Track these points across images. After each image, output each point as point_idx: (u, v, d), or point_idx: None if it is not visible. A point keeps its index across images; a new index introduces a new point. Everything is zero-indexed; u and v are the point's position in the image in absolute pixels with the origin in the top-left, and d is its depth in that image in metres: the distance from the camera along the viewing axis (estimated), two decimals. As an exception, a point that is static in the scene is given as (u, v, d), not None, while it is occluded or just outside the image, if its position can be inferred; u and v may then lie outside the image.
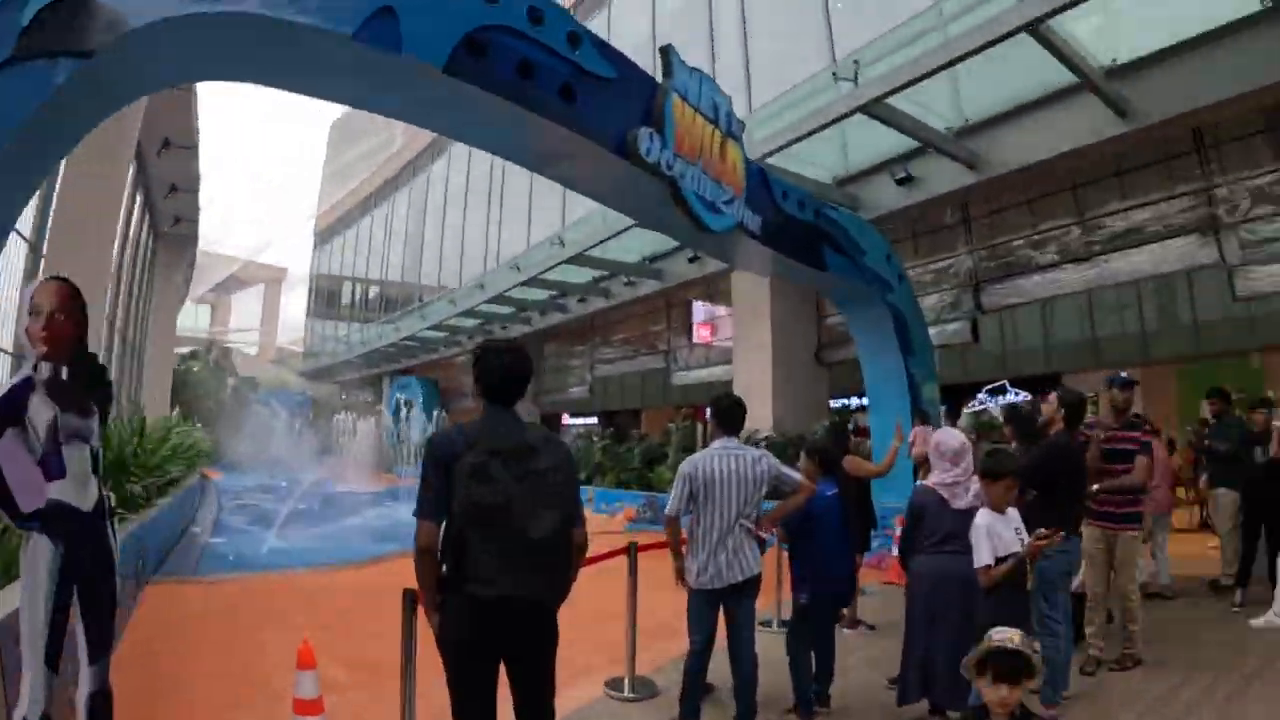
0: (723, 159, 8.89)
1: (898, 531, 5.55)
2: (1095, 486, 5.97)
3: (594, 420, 28.38)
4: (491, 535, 2.84)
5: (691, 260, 19.07)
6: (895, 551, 6.57)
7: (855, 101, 11.15)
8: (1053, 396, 5.92)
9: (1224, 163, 11.79)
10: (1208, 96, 10.14)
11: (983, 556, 4.15)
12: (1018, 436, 6.15)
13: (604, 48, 7.35)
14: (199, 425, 22.51)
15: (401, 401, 37.38)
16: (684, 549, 4.65)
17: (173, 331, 30.27)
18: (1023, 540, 4.18)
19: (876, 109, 11.04)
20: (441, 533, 2.92)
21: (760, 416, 16.08)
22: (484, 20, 6.06)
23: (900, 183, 13.51)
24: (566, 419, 30.33)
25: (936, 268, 15.94)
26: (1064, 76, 11.03)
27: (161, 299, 27.87)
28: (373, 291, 44.72)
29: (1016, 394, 16.15)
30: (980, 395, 16.18)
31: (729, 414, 4.81)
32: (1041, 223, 14.18)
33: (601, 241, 18.59)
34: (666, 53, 8.22)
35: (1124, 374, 6.42)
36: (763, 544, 4.76)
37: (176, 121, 18.38)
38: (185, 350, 44.47)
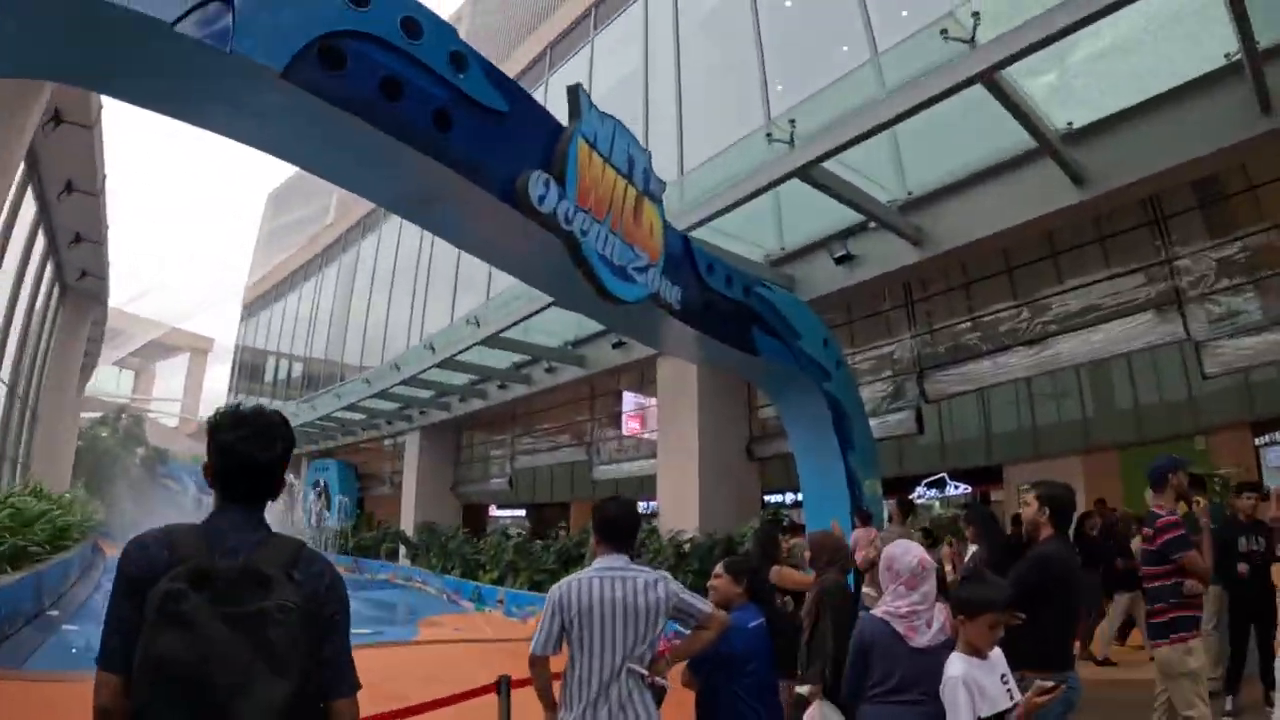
0: (637, 220, 7.76)
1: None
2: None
3: (522, 513, 27.44)
4: (175, 711, 1.84)
5: (615, 346, 17.81)
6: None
7: (791, 164, 10.07)
8: (1030, 496, 4.81)
9: (1185, 232, 11.00)
10: (1169, 159, 9.28)
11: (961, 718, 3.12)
12: (983, 540, 5.63)
13: (497, 76, 6.26)
14: (77, 493, 21.30)
15: (318, 484, 36.45)
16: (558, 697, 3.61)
17: (73, 391, 28.43)
18: (1012, 694, 3.25)
19: (814, 173, 9.97)
20: None
21: (686, 516, 14.91)
22: (345, 25, 5.12)
23: (839, 261, 12.45)
24: (494, 510, 29.24)
25: (878, 354, 14.92)
26: (1014, 142, 10.24)
27: (63, 357, 26.26)
28: (297, 368, 43.29)
29: (956, 487, 15.27)
30: (919, 489, 15.26)
31: (614, 525, 3.77)
32: (989, 303, 13.30)
33: (516, 322, 17.26)
34: (575, 93, 7.13)
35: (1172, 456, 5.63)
36: (660, 694, 3.63)
37: (79, 163, 17.09)
38: (95, 415, 43.27)
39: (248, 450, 2.17)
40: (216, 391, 62.35)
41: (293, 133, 5.82)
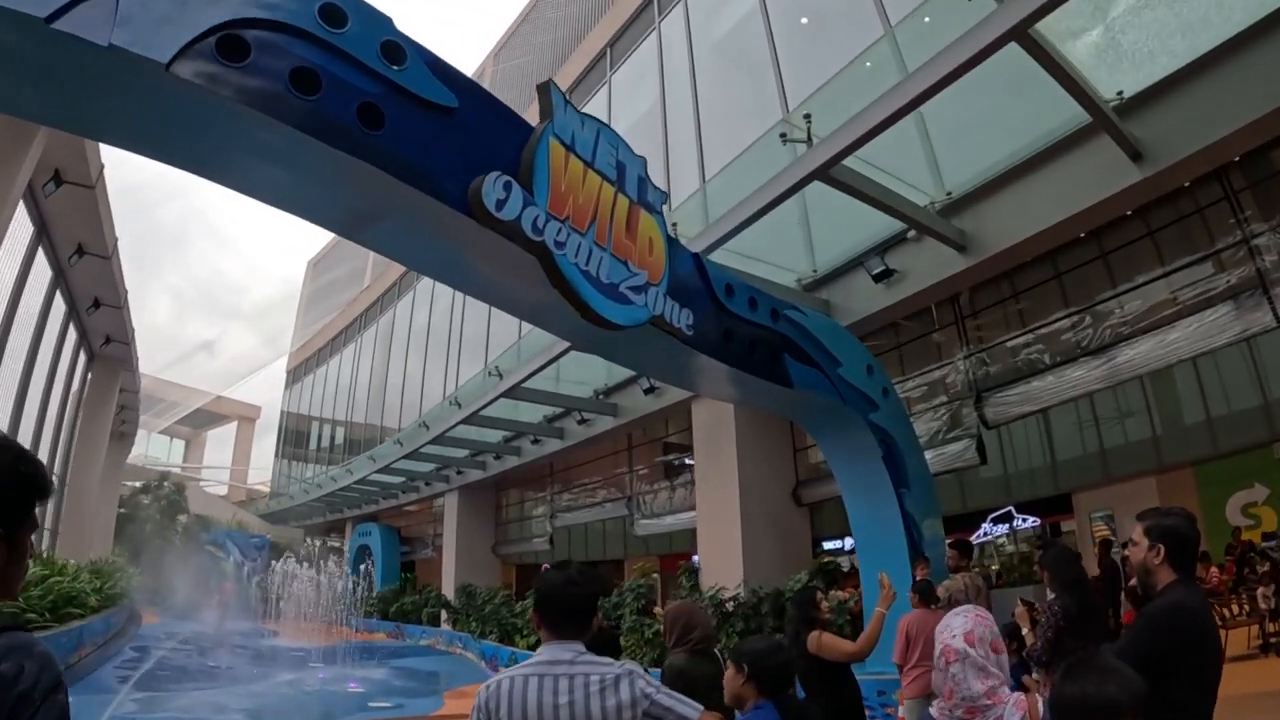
0: (630, 233, 6.71)
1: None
2: None
3: None
4: None
5: (648, 392, 16.75)
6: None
7: (811, 164, 8.93)
8: (1137, 531, 3.34)
9: (1263, 205, 9.43)
10: (1237, 120, 7.97)
11: None
12: (1060, 585, 4.88)
13: (444, 69, 5.39)
14: (114, 560, 21.44)
15: (361, 549, 36.17)
16: None
17: (102, 459, 28.30)
18: None
19: (837, 173, 8.86)
20: None
21: (729, 570, 13.57)
22: (250, 13, 4.51)
23: (878, 278, 11.23)
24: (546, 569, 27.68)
25: (928, 380, 13.60)
26: (1059, 123, 9.07)
27: (93, 424, 26.51)
28: (339, 433, 43.02)
29: (1024, 520, 13.87)
30: (984, 525, 13.91)
31: (558, 602, 2.79)
32: (1045, 313, 11.93)
33: (537, 371, 16.34)
34: (545, 90, 6.15)
35: None
36: None
37: (87, 226, 17.25)
38: (138, 484, 44.39)
39: None
40: (266, 458, 62.29)
41: (214, 145, 5.01)
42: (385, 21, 5.16)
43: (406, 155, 5.08)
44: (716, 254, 10.27)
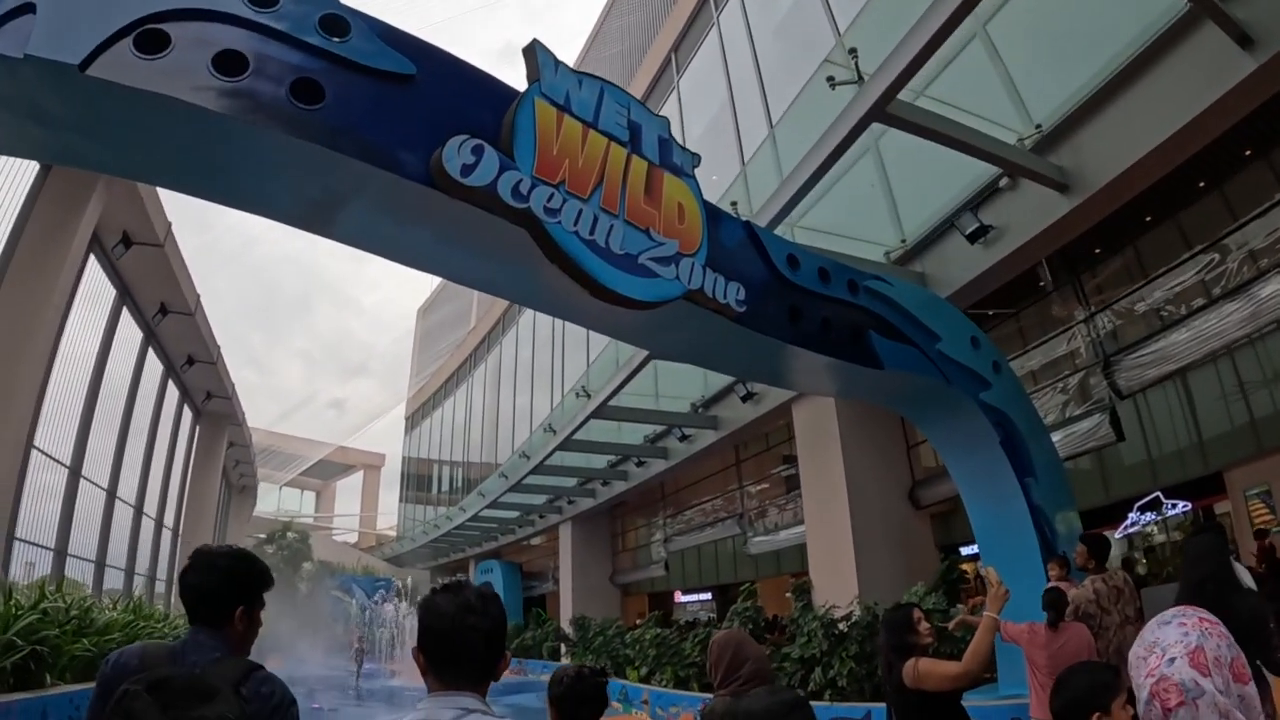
0: (651, 198, 5.81)
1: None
2: None
3: (708, 596, 25.66)
4: None
5: (745, 399, 15.62)
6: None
7: (866, 100, 7.71)
8: None
9: None
10: None
11: None
12: (1189, 591, 3.42)
13: (398, 37, 4.89)
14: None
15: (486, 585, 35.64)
16: None
17: (212, 511, 29.21)
18: None
19: (896, 110, 7.67)
20: None
21: (842, 585, 12.30)
22: (168, 5, 4.26)
23: (974, 238, 9.84)
24: (680, 596, 27.30)
25: (1045, 351, 12.18)
26: (1148, 24, 7.79)
27: (202, 479, 27.23)
28: (458, 474, 43.64)
29: (1174, 506, 12.21)
30: (1131, 514, 12.28)
31: (445, 637, 1.92)
32: (1172, 254, 10.49)
33: (621, 386, 15.56)
34: (530, 51, 5.41)
35: None
36: None
37: (164, 285, 17.65)
38: (262, 535, 46.45)
39: (189, 580, 2.44)
40: (393, 504, 63.83)
41: (109, 143, 4.71)
42: (325, -2, 4.65)
43: (355, 129, 4.55)
44: (794, 235, 9.21)
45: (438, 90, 4.90)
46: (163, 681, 1.99)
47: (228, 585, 2.46)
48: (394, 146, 4.59)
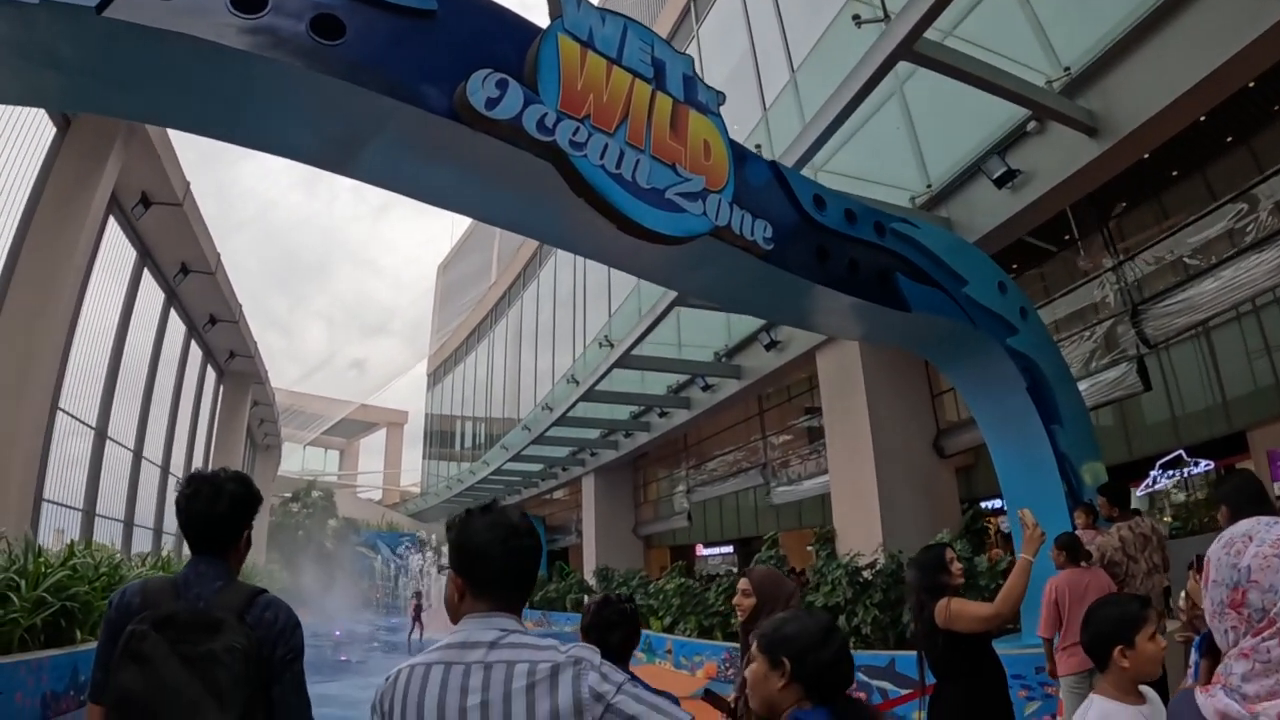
0: (677, 134, 5.75)
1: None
2: None
3: (730, 549, 25.71)
4: None
5: (769, 347, 15.52)
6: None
7: (894, 38, 7.51)
8: None
9: None
10: None
11: None
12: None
13: None
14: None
15: None
16: None
17: (237, 468, 29.35)
18: None
19: (923, 48, 7.52)
20: None
21: (867, 534, 12.29)
22: None
23: (1001, 182, 9.68)
24: (701, 550, 27.41)
25: (1071, 298, 12.00)
26: None
27: (227, 439, 27.51)
28: (481, 429, 43.72)
29: (1196, 464, 12.09)
30: (1153, 473, 12.17)
31: (485, 556, 1.84)
32: (1200, 202, 10.27)
33: (645, 334, 15.43)
34: None
35: None
36: None
37: (184, 244, 17.55)
38: (288, 494, 46.95)
39: (197, 508, 2.41)
40: (417, 461, 64.32)
41: (166, 90, 4.65)
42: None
43: (377, 64, 4.53)
44: (818, 180, 9.06)
45: (459, 25, 4.85)
46: (168, 618, 2.17)
47: (236, 509, 2.46)
48: (417, 81, 4.54)
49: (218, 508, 2.42)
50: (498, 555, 1.82)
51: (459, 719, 1.66)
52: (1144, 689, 2.41)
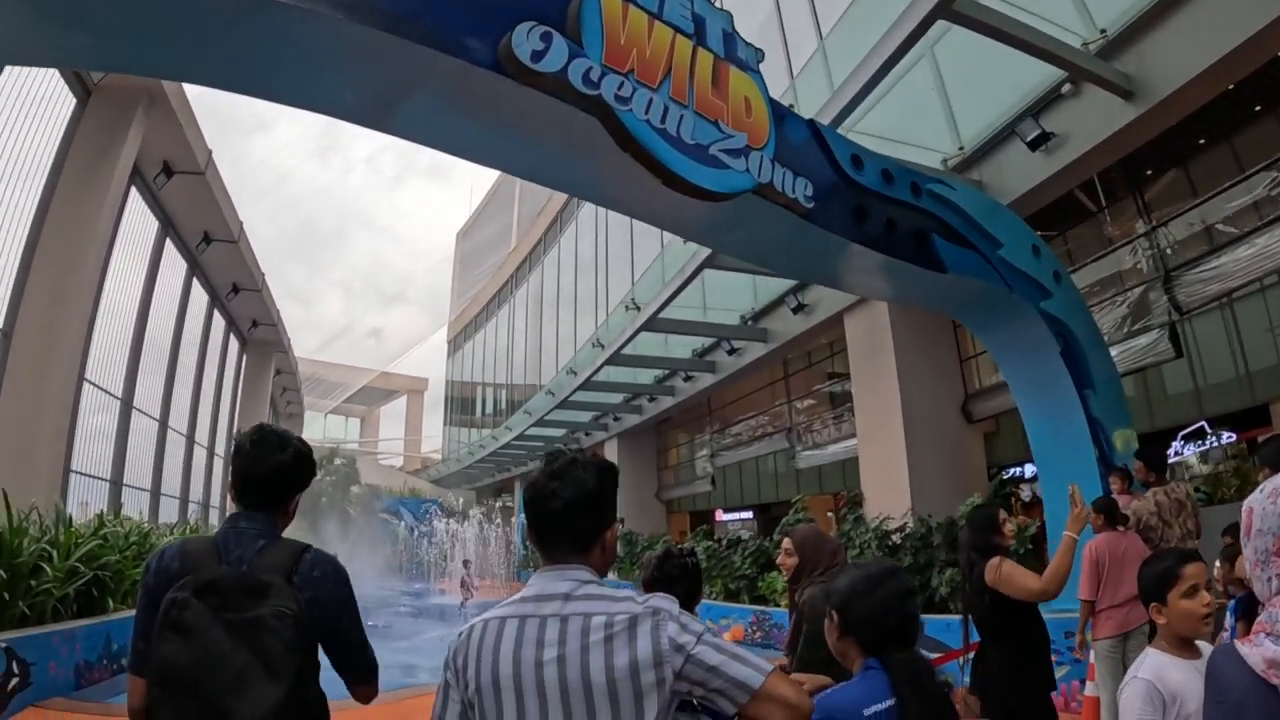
0: (719, 90, 5.69)
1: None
2: None
3: (749, 514, 25.49)
4: (178, 713, 1.96)
5: (796, 310, 15.44)
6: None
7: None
8: None
9: None
10: None
11: None
12: None
13: None
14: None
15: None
16: None
17: None
18: None
19: (965, 7, 7.40)
20: None
21: (896, 498, 12.26)
22: None
23: (1035, 145, 9.56)
24: (720, 515, 27.16)
25: (1103, 264, 11.84)
26: None
27: (252, 406, 27.54)
28: (502, 396, 43.80)
29: (1218, 438, 11.97)
30: (1175, 444, 12.05)
31: (550, 501, 1.80)
32: (1233, 170, 10.05)
33: (673, 296, 15.44)
34: None
35: None
36: None
37: (207, 213, 17.58)
38: None
39: (260, 454, 2.33)
40: (438, 428, 64.74)
41: (201, 46, 4.55)
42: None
43: (419, 14, 4.44)
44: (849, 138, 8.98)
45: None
46: (211, 584, 2.03)
47: (298, 465, 2.40)
48: (460, 33, 4.48)
49: (282, 457, 2.34)
50: (540, 502, 1.80)
51: (535, 673, 1.64)
52: (1201, 644, 2.39)
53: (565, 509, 1.77)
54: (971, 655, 4.34)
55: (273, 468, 2.33)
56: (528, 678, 1.65)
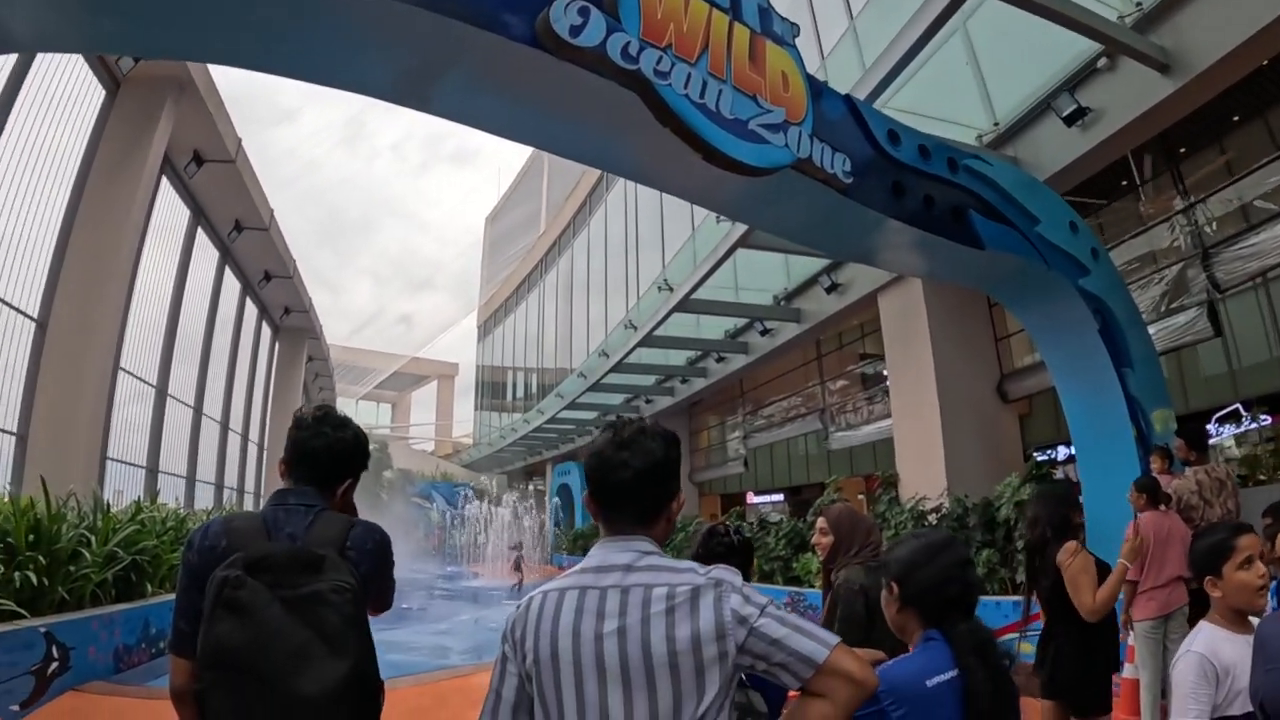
0: (756, 65, 5.66)
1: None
2: None
3: (779, 497, 25.30)
4: (235, 694, 1.89)
5: (830, 290, 15.36)
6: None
7: None
8: None
9: None
10: None
11: None
12: None
13: None
14: None
15: (562, 488, 36.29)
16: None
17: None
18: None
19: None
20: None
21: (931, 478, 12.20)
22: None
23: (1071, 120, 9.44)
24: (752, 498, 26.98)
25: (1140, 241, 11.64)
26: None
27: (285, 394, 27.78)
28: (533, 380, 43.91)
29: (1254, 420, 11.75)
30: (1210, 427, 11.88)
31: (613, 469, 1.74)
32: (1264, 143, 9.86)
33: (706, 276, 15.40)
34: None
35: None
36: None
37: (237, 201, 17.74)
38: None
39: (323, 429, 2.36)
40: (468, 413, 65.03)
41: (234, 28, 4.55)
42: None
43: None
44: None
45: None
46: (262, 559, 1.98)
47: (357, 446, 2.42)
48: (497, 8, 4.46)
49: (342, 435, 2.37)
50: (605, 471, 1.76)
51: (595, 645, 1.61)
52: (1254, 620, 2.38)
53: (635, 479, 1.73)
54: (1025, 630, 4.28)
55: (331, 444, 2.33)
56: (587, 650, 1.62)
